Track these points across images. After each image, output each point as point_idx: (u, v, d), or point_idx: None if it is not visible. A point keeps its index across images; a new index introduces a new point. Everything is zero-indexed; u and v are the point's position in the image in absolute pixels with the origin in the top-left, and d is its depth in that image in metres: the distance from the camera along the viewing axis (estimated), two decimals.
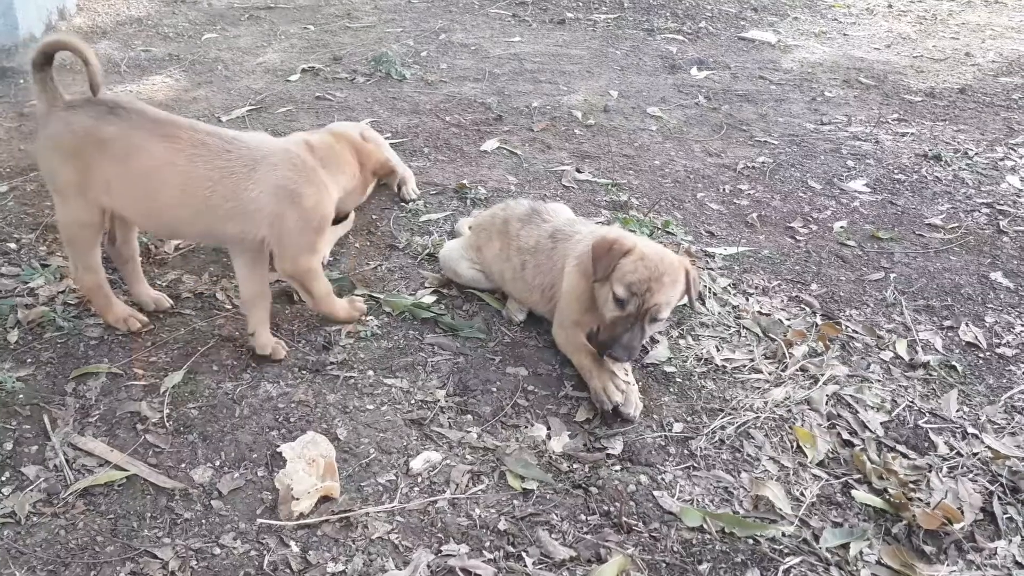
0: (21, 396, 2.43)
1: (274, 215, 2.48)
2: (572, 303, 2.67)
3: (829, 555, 2.07)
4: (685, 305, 2.98)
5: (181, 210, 2.44)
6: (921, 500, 2.23)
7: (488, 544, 2.05)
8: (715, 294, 3.13)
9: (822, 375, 2.72)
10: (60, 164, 2.43)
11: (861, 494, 2.26)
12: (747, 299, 3.13)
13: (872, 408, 2.59)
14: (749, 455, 2.39)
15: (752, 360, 2.79)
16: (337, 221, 3.16)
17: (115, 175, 2.40)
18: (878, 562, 2.06)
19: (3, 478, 2.15)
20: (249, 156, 2.46)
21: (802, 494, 2.26)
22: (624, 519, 2.13)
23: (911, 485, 2.28)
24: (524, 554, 2.03)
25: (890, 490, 2.26)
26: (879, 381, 2.73)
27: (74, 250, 2.58)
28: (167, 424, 2.36)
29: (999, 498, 2.27)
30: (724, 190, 4.04)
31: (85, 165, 2.41)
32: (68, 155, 2.41)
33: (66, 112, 2.41)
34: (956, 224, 3.80)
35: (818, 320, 3.02)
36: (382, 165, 3.00)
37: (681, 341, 2.87)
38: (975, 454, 2.43)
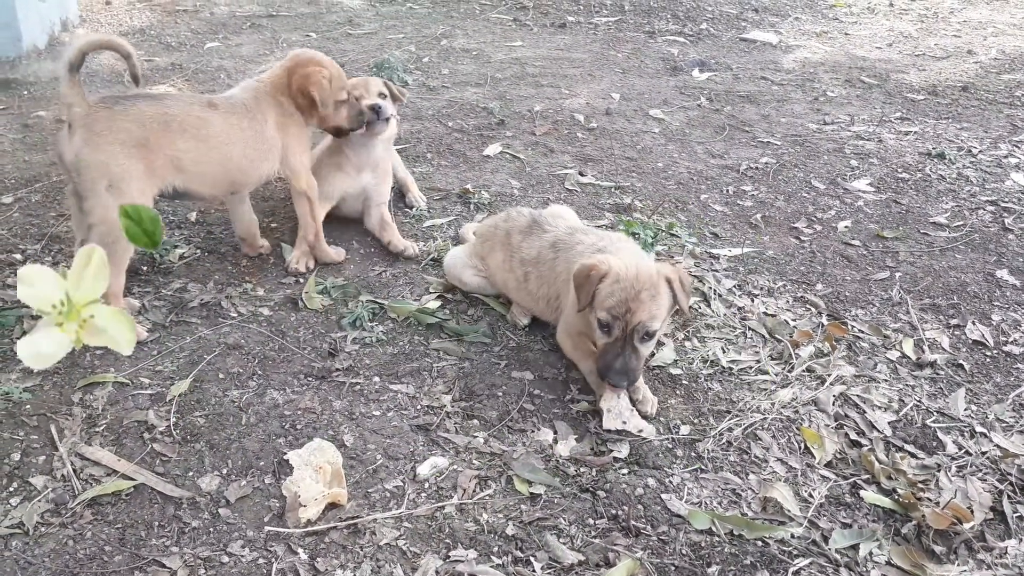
0: (28, 406, 2.43)
1: (281, 148, 2.97)
2: (578, 315, 2.62)
3: (839, 556, 2.06)
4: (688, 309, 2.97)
5: (244, 161, 2.85)
6: (930, 500, 2.23)
7: (496, 549, 2.05)
8: (720, 296, 3.13)
9: (829, 375, 2.71)
10: (122, 156, 2.54)
11: (870, 494, 2.25)
12: (752, 300, 3.12)
13: (879, 408, 2.59)
14: (757, 457, 2.38)
15: (758, 361, 2.78)
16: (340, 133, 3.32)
17: (188, 149, 2.68)
18: (888, 563, 2.05)
19: (11, 488, 2.16)
20: (254, 102, 2.90)
21: (810, 495, 2.25)
22: (632, 522, 2.13)
23: (920, 485, 2.28)
24: (532, 559, 2.02)
25: (899, 490, 2.25)
26: (886, 381, 2.72)
27: (118, 250, 2.59)
28: (174, 433, 2.36)
29: (1008, 497, 2.26)
30: (728, 191, 4.03)
31: (150, 150, 2.58)
32: (134, 145, 2.57)
33: (119, 106, 2.57)
34: (961, 222, 3.78)
35: (824, 320, 3.02)
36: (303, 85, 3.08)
37: (687, 343, 2.87)
38: (984, 453, 2.42)
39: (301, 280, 3.13)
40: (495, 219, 3.10)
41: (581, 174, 4.13)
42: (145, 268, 3.11)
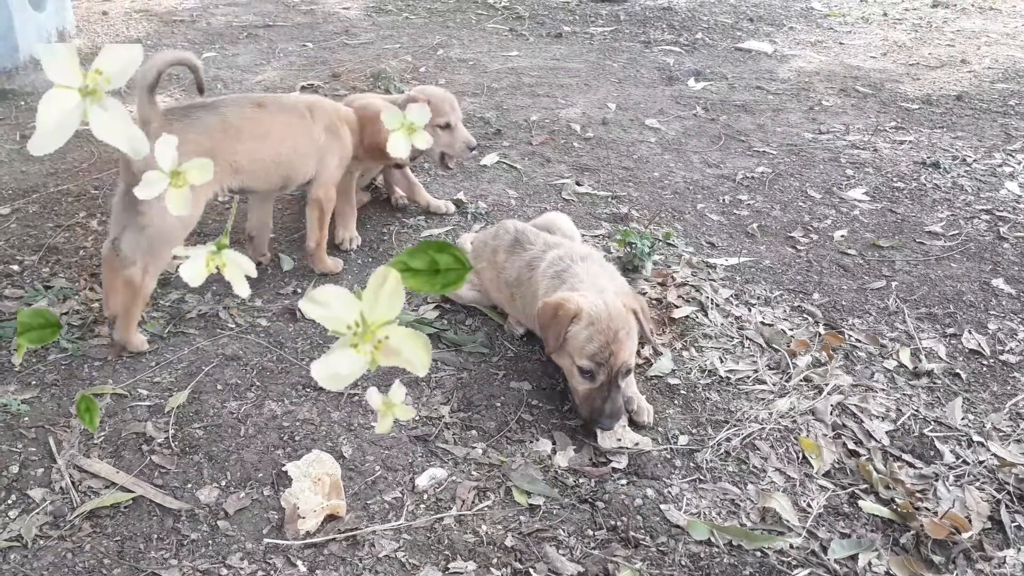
0: (26, 419, 2.43)
1: (324, 150, 3.07)
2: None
3: (838, 566, 2.07)
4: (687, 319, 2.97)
5: (296, 157, 2.98)
6: (928, 509, 2.23)
7: (495, 561, 2.05)
8: (717, 305, 3.14)
9: (826, 385, 2.72)
10: None
11: (868, 504, 2.26)
12: (749, 310, 3.13)
13: (877, 417, 2.59)
14: (755, 467, 2.39)
15: (756, 371, 2.79)
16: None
17: (247, 152, 2.80)
18: (887, 573, 2.05)
19: (9, 501, 2.15)
20: (306, 107, 3.04)
21: (809, 505, 2.26)
22: (631, 533, 2.13)
23: (918, 494, 2.28)
24: (532, 570, 2.02)
25: (897, 500, 2.26)
26: (883, 390, 2.73)
27: (165, 253, 2.64)
28: (172, 445, 2.36)
29: (1006, 506, 2.27)
30: (724, 201, 4.05)
31: (214, 156, 2.66)
32: (201, 154, 2.60)
33: (188, 119, 2.68)
34: (956, 231, 3.80)
35: (821, 330, 3.03)
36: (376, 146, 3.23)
37: (684, 353, 2.87)
38: (981, 462, 2.43)
39: (299, 290, 3.13)
40: (486, 234, 3.10)
41: (578, 184, 4.15)
42: None
